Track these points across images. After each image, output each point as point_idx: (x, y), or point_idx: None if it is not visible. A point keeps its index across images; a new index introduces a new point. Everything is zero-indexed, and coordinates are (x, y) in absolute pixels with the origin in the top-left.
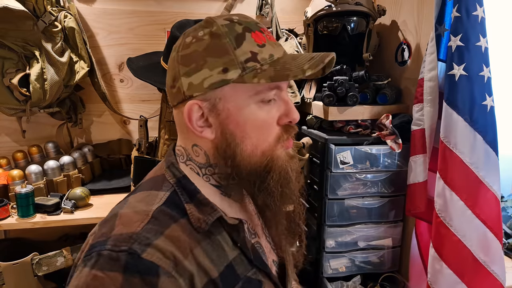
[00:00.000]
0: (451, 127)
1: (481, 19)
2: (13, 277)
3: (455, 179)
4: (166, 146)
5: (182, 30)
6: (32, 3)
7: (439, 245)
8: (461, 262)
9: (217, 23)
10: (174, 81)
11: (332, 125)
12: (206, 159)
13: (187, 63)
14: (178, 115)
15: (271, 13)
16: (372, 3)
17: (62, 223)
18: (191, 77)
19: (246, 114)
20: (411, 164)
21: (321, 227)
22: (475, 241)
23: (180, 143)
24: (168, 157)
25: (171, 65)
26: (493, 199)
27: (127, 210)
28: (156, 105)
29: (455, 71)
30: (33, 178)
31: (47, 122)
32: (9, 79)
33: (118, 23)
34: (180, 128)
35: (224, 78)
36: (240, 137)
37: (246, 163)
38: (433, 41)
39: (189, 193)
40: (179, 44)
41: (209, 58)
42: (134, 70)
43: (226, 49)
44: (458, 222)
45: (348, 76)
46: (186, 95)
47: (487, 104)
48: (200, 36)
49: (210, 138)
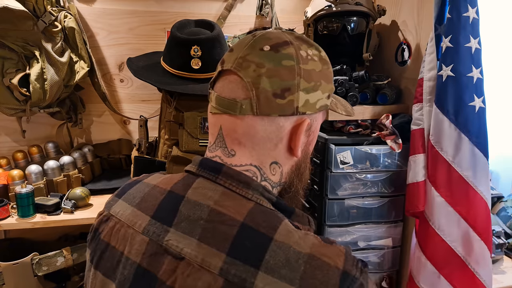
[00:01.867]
0: (438, 127)
1: (473, 20)
2: (13, 277)
3: (437, 176)
4: (166, 146)
5: (182, 30)
6: (32, 3)
7: (420, 238)
8: (440, 255)
9: (322, 49)
10: (285, 91)
11: (332, 125)
12: (280, 178)
13: (308, 80)
14: (265, 127)
15: (271, 13)
16: (372, 3)
17: (62, 223)
18: (309, 95)
19: (317, 135)
20: (411, 163)
21: (321, 227)
22: (455, 237)
23: (249, 161)
24: (249, 183)
25: (283, 73)
26: (479, 200)
27: (309, 249)
28: (156, 105)
29: (442, 72)
30: (33, 178)
31: (47, 122)
32: (9, 79)
33: (118, 23)
34: (260, 142)
35: (327, 103)
36: (308, 156)
37: (306, 179)
38: (433, 41)
39: (287, 212)
40: (294, 54)
41: (323, 81)
42: (134, 70)
43: (331, 77)
44: (437, 217)
45: (348, 76)
46: (299, 111)
47: (475, 105)
48: (311, 55)
49: (299, 156)
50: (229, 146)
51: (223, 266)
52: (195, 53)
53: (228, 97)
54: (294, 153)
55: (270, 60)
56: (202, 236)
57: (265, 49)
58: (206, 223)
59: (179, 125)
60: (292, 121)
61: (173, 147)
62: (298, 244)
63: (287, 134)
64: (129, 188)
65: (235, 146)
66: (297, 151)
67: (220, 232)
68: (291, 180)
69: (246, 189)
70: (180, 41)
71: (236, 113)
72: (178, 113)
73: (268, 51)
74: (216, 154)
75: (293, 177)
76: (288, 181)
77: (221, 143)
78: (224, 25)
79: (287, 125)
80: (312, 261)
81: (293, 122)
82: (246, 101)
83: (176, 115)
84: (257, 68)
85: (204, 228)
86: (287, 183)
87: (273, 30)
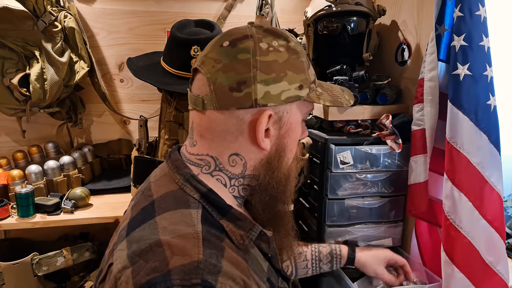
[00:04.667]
0: (457, 127)
1: (483, 19)
2: (13, 277)
3: (463, 179)
4: (166, 146)
5: (182, 30)
6: (32, 3)
7: (450, 248)
8: (472, 264)
9: (292, 39)
10: (241, 85)
11: (332, 125)
12: (242, 170)
13: (267, 71)
14: (225, 120)
15: (271, 13)
16: (372, 3)
17: (62, 223)
18: (269, 86)
19: (297, 130)
20: (412, 164)
21: (321, 227)
22: (482, 243)
23: (206, 152)
24: (180, 168)
25: (238, 67)
26: (498, 199)
27: (169, 236)
28: (156, 105)
29: (459, 71)
30: (33, 178)
31: (47, 122)
32: (9, 79)
33: (118, 23)
34: (220, 135)
35: (299, 94)
36: (288, 150)
37: (282, 173)
38: (433, 41)
39: (220, 209)
40: (251, 47)
41: (289, 72)
42: (134, 70)
43: (303, 67)
44: (467, 224)
45: (348, 76)
46: (258, 103)
47: (491, 103)
48: (275, 47)
49: (267, 149)
50: (194, 137)
51: (123, 228)
52: (195, 53)
53: (195, 94)
54: (258, 144)
55: (227, 55)
56: (133, 203)
57: (224, 45)
58: (141, 194)
59: (179, 125)
60: (252, 113)
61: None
62: (164, 229)
63: (247, 127)
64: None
65: (198, 138)
66: (261, 143)
67: (139, 203)
68: (258, 173)
69: (176, 173)
70: (180, 41)
71: (200, 108)
72: (178, 113)
73: (225, 47)
74: (185, 143)
75: (261, 170)
76: (256, 174)
77: (191, 134)
78: (224, 25)
79: (247, 118)
80: (155, 246)
81: (253, 114)
82: (207, 97)
83: (176, 115)
84: (215, 64)
85: (138, 197)
86: (254, 176)
87: (241, 26)
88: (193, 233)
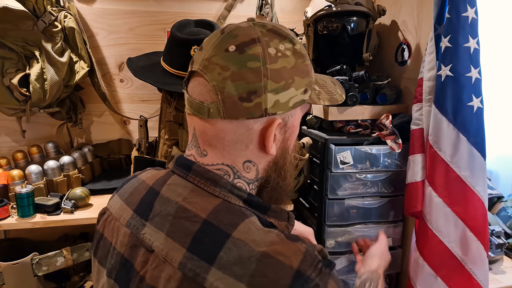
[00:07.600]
0: (436, 127)
1: (471, 20)
2: (13, 277)
3: (435, 176)
4: (166, 146)
5: (182, 30)
6: (32, 3)
7: (418, 239)
8: (437, 256)
9: (296, 41)
10: (251, 95)
11: (332, 125)
12: (256, 174)
13: (277, 80)
14: (234, 130)
15: (271, 13)
16: (372, 3)
17: (62, 223)
18: (279, 95)
19: (297, 129)
20: (410, 163)
21: (321, 227)
22: (453, 238)
23: (221, 161)
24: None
25: (248, 76)
26: (476, 200)
27: (264, 247)
28: (156, 105)
29: (441, 72)
30: (33, 178)
31: (47, 122)
32: (9, 79)
33: (118, 23)
34: (230, 144)
35: (303, 98)
36: (290, 150)
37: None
38: (433, 41)
39: (262, 208)
40: (260, 54)
41: (296, 77)
42: (134, 70)
43: (308, 71)
44: (435, 218)
45: (348, 76)
46: (268, 112)
47: (474, 105)
48: (283, 51)
49: (274, 154)
50: (201, 146)
51: (182, 260)
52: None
53: (197, 100)
54: (267, 151)
55: (235, 62)
56: (169, 231)
57: (230, 50)
58: (174, 219)
59: (179, 125)
60: (261, 122)
61: (173, 147)
62: (254, 242)
63: (257, 135)
64: (126, 183)
65: (207, 147)
66: (270, 150)
67: (184, 228)
68: (269, 175)
69: (214, 186)
70: (180, 41)
71: (205, 116)
72: (178, 113)
73: (232, 52)
74: (191, 153)
75: (270, 172)
76: (265, 176)
77: (195, 142)
78: (224, 25)
79: (256, 127)
80: (265, 259)
81: (262, 123)
82: (213, 105)
83: (176, 115)
84: (222, 71)
85: (171, 223)
86: (264, 178)
87: (242, 24)
88: (275, 237)
